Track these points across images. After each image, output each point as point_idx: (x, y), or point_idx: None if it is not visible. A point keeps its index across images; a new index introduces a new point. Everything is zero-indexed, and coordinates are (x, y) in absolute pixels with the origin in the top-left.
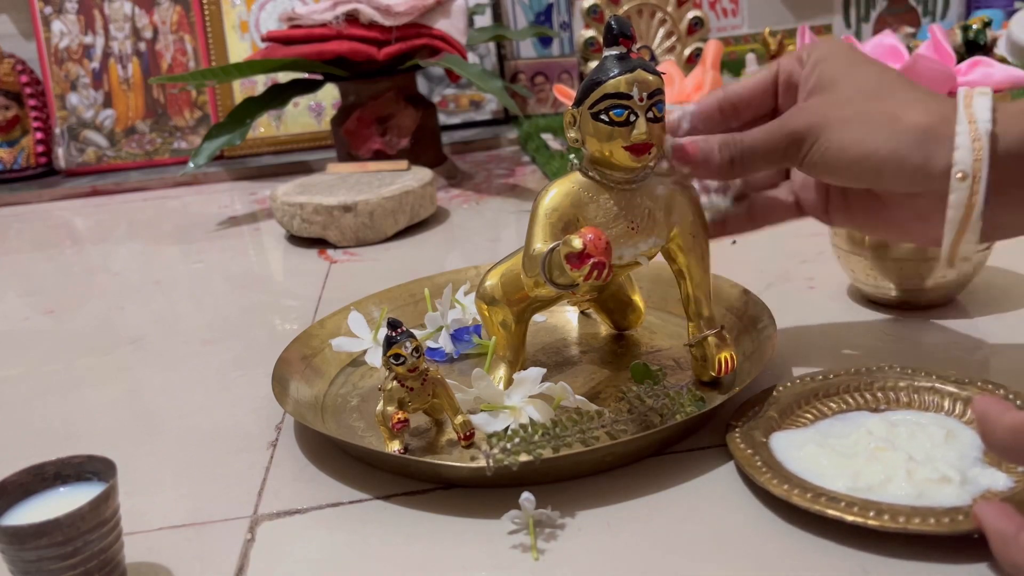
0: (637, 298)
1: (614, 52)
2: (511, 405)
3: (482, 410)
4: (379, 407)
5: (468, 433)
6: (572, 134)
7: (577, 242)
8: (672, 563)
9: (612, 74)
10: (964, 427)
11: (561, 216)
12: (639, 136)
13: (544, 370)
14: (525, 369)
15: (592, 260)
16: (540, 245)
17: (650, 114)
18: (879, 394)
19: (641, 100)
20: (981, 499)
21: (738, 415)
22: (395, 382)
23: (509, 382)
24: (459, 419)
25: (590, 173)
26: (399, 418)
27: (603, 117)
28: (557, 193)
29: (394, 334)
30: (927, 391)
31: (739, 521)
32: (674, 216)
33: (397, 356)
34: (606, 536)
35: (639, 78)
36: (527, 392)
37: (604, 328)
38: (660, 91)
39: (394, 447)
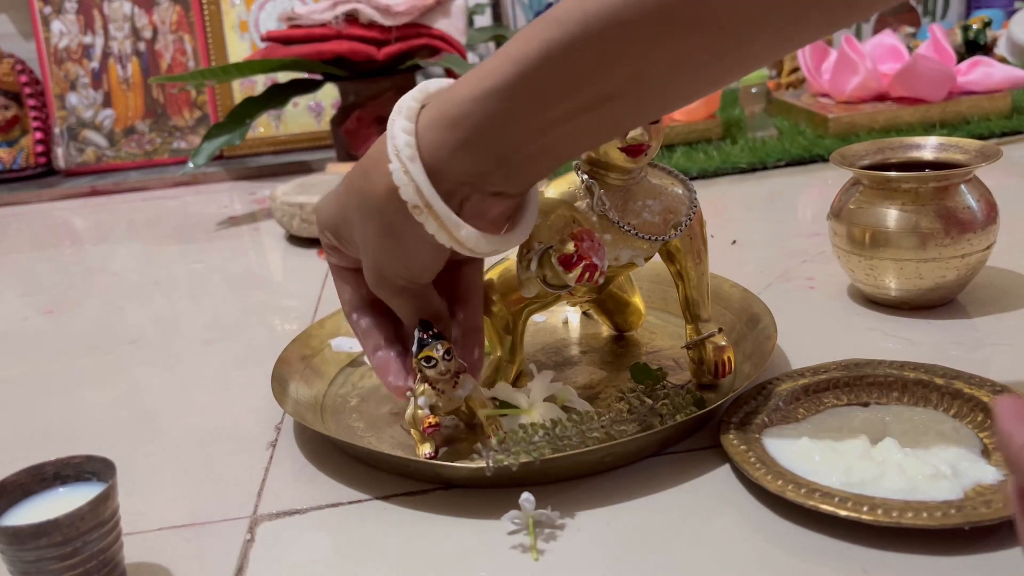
0: (637, 299)
1: None
2: (528, 409)
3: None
4: (409, 410)
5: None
6: None
7: (569, 244)
8: (672, 563)
9: None
10: (953, 420)
11: (557, 217)
12: (635, 137)
13: (552, 372)
14: (522, 369)
15: (584, 262)
16: (536, 246)
17: None
18: (869, 388)
19: None
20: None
21: (731, 412)
22: (426, 384)
23: (507, 382)
24: (485, 413)
25: (586, 173)
26: (430, 422)
27: None
28: (553, 194)
29: (425, 336)
30: (915, 385)
31: (738, 520)
32: (671, 217)
33: (428, 359)
34: (606, 536)
35: None
36: (541, 395)
37: (605, 328)
38: None
39: (425, 450)
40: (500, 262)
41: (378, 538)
